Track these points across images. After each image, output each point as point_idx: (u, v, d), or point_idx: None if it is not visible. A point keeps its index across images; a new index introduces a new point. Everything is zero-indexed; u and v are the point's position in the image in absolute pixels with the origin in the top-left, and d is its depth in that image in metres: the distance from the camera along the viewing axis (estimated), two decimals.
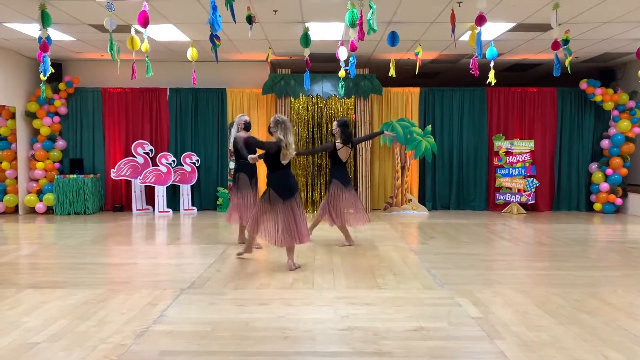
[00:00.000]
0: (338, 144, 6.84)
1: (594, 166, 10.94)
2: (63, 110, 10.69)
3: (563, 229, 8.68)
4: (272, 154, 5.47)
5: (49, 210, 10.47)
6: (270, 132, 5.59)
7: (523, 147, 10.76)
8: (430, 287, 4.89)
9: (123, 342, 3.46)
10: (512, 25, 8.00)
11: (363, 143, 10.53)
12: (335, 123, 6.96)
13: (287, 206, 5.48)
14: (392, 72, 7.93)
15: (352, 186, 7.17)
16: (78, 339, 3.52)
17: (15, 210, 10.49)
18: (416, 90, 11.18)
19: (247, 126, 6.87)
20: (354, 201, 6.96)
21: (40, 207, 10.31)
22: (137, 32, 7.11)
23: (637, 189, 10.60)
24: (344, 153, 6.88)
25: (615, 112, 10.68)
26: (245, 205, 6.65)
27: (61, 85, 10.62)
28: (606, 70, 11.33)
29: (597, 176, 10.77)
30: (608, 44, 9.21)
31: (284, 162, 5.51)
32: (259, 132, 10.74)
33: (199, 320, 3.92)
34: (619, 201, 10.57)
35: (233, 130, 6.90)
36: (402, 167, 10.89)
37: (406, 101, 11.19)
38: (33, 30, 8.12)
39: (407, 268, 5.68)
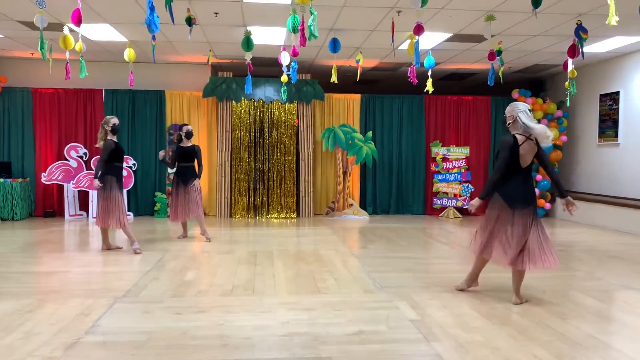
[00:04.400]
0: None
1: None
2: None
3: None
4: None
5: None
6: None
7: (459, 153, 11.13)
8: (369, 291, 4.96)
9: (52, 355, 3.30)
10: (448, 35, 8.25)
11: (305, 149, 10.65)
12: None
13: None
14: (333, 78, 7.98)
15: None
16: (2, 352, 3.33)
17: None
18: (357, 97, 11.34)
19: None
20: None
21: None
22: (71, 30, 6.84)
23: None
24: None
25: (545, 121, 11.18)
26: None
27: None
28: (536, 81, 11.93)
29: None
30: (538, 56, 9.68)
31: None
32: (200, 136, 10.58)
33: (134, 330, 3.80)
34: (547, 205, 11.10)
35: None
36: (344, 173, 11.00)
37: (348, 107, 11.33)
38: None
39: (347, 272, 5.73)
